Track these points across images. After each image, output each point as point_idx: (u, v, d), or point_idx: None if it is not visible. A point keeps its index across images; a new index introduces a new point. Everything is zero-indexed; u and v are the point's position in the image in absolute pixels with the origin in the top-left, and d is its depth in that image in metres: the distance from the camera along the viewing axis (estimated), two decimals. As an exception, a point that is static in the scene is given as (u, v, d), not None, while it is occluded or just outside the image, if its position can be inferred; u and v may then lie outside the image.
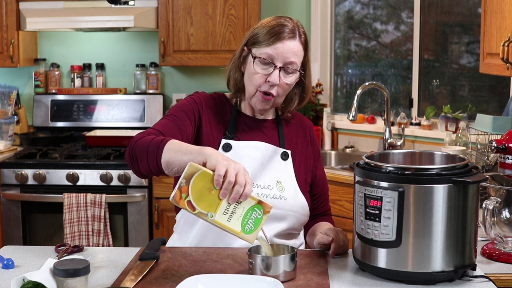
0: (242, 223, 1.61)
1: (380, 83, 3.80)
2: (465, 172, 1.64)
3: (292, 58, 1.91)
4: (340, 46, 4.33)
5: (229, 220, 1.60)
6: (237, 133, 2.01)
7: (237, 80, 2.01)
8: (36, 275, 1.54)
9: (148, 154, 1.73)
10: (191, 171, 1.57)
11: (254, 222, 1.62)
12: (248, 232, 1.61)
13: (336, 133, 4.16)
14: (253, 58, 1.92)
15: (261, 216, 1.62)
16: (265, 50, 1.90)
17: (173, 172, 1.71)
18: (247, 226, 1.61)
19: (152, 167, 1.74)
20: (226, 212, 1.60)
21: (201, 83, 4.30)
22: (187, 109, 1.97)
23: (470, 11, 3.82)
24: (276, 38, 1.89)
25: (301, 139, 2.10)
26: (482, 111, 3.60)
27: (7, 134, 3.96)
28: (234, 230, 1.60)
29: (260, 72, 1.91)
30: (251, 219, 1.61)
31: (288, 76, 1.93)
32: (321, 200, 2.13)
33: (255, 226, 1.61)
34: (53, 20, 3.91)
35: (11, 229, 3.67)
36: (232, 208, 1.60)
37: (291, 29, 1.91)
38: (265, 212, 1.62)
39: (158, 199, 3.67)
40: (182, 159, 1.66)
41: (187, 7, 3.94)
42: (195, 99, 2.01)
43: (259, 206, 1.62)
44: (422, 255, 1.61)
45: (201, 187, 1.58)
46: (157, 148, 1.72)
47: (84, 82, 4.33)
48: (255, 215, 1.62)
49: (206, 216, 1.58)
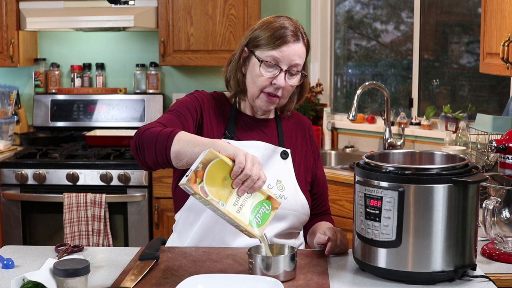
0: (251, 216, 1.61)
1: (380, 83, 3.80)
2: (465, 172, 1.64)
3: (297, 60, 1.92)
4: (340, 46, 4.33)
5: (238, 212, 1.59)
6: (237, 132, 2.01)
7: (239, 82, 2.01)
8: (36, 275, 1.54)
9: (157, 144, 1.71)
10: (209, 157, 1.55)
11: (262, 217, 1.62)
12: (255, 226, 1.61)
13: (336, 133, 4.16)
14: (259, 61, 1.92)
15: (269, 212, 1.62)
16: (270, 53, 1.91)
17: (181, 163, 1.69)
18: (254, 221, 1.61)
19: (160, 158, 1.71)
20: (236, 203, 1.60)
21: (201, 83, 4.30)
22: (189, 105, 1.96)
23: (470, 11, 3.82)
24: (281, 42, 1.90)
25: (300, 138, 2.10)
26: (482, 111, 3.60)
27: (7, 134, 3.96)
28: (243, 222, 1.59)
29: (266, 75, 1.92)
30: (259, 213, 1.62)
31: (292, 78, 1.95)
32: (321, 200, 2.13)
33: (263, 221, 1.62)
34: (53, 20, 3.91)
35: (11, 229, 3.67)
36: (241, 201, 1.60)
37: (294, 31, 1.92)
38: (273, 208, 1.63)
39: (158, 199, 3.67)
40: (193, 150, 1.65)
41: (187, 7, 3.94)
42: (197, 97, 2.01)
43: (268, 202, 1.63)
44: (422, 255, 1.61)
45: (215, 175, 1.56)
46: (167, 138, 1.70)
47: (84, 82, 4.33)
48: (263, 210, 1.62)
49: (217, 204, 1.56)
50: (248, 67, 1.97)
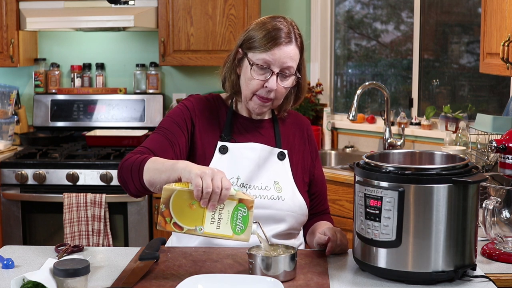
0: (232, 226, 1.61)
1: (380, 83, 3.80)
2: (465, 172, 1.64)
3: (289, 62, 1.90)
4: (340, 46, 4.33)
5: (219, 227, 1.61)
6: (233, 134, 2.00)
7: (233, 83, 2.00)
8: (36, 275, 1.54)
9: (132, 175, 1.78)
10: (167, 195, 1.59)
11: (243, 221, 1.62)
12: (240, 232, 1.62)
13: (336, 133, 4.16)
14: (250, 64, 1.91)
15: (247, 213, 1.62)
16: (261, 56, 1.89)
17: (156, 189, 1.75)
18: (237, 228, 1.61)
19: (139, 188, 1.78)
20: (213, 220, 1.61)
21: (201, 83, 4.30)
22: (178, 119, 1.97)
23: (470, 11, 3.82)
24: (272, 44, 1.87)
25: (298, 138, 2.09)
26: (482, 111, 3.60)
27: (7, 134, 3.96)
28: (226, 235, 1.61)
29: (257, 78, 1.90)
30: (238, 219, 1.62)
31: (285, 80, 1.92)
32: (319, 199, 2.12)
33: (245, 224, 1.62)
34: (53, 20, 3.91)
35: (11, 229, 3.67)
36: (217, 215, 1.61)
37: (287, 32, 1.90)
38: (249, 208, 1.62)
39: (158, 199, 3.66)
40: (161, 178, 1.70)
41: (187, 7, 3.94)
42: (187, 106, 2.00)
43: (241, 205, 1.63)
44: (422, 255, 1.61)
45: (181, 206, 1.59)
46: (138, 169, 1.76)
47: (84, 82, 4.33)
48: (241, 214, 1.62)
49: (195, 231, 1.60)
50: (242, 69, 1.96)
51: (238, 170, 1.95)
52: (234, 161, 1.96)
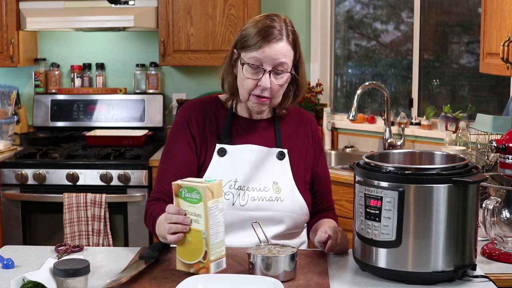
0: (210, 222, 1.64)
1: (380, 83, 3.79)
2: (465, 172, 1.64)
3: (282, 59, 1.88)
4: (340, 46, 4.33)
5: (212, 235, 1.65)
6: (232, 136, 2.00)
7: (230, 84, 1.99)
8: (36, 275, 1.54)
9: (149, 229, 1.97)
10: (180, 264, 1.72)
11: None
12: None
13: (336, 133, 4.16)
14: (241, 64, 1.91)
15: (200, 198, 1.64)
16: (252, 54, 1.88)
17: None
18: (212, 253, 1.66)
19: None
20: (204, 235, 1.64)
21: (201, 83, 4.30)
22: (180, 146, 2.00)
23: (470, 11, 3.82)
24: (262, 41, 1.86)
25: (301, 135, 2.08)
26: (482, 111, 3.60)
27: (7, 134, 3.96)
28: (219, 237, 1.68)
29: (250, 77, 1.90)
30: (210, 211, 1.65)
31: (279, 78, 1.91)
32: (323, 197, 2.11)
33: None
34: (53, 20, 3.91)
35: (11, 229, 3.67)
36: (203, 231, 1.64)
37: (279, 30, 1.88)
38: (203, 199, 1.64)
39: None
40: (161, 236, 1.83)
41: (187, 7, 3.94)
42: (182, 117, 2.02)
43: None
44: (422, 255, 1.61)
45: (184, 249, 1.68)
46: (150, 228, 1.94)
47: (84, 82, 4.33)
48: (196, 199, 1.64)
49: (208, 249, 1.65)
50: (237, 69, 1.96)
51: (236, 172, 1.95)
52: (232, 164, 1.96)
